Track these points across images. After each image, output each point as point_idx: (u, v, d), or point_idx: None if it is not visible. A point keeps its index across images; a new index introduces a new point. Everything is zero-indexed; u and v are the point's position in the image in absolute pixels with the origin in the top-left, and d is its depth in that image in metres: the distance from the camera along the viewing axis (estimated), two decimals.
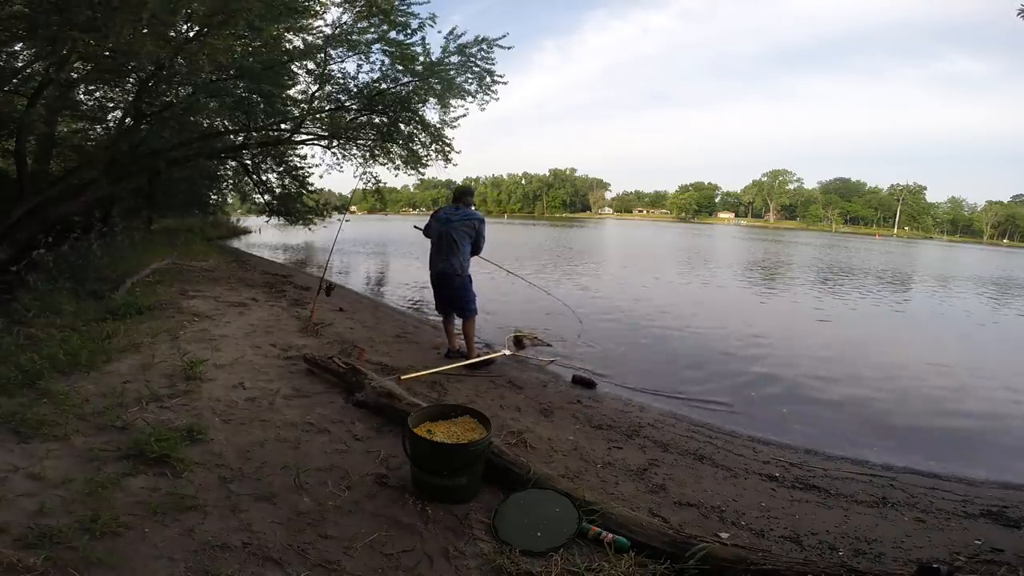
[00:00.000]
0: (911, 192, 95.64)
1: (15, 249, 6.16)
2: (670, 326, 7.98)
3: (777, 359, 6.48)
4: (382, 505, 2.38)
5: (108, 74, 6.46)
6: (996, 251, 58.06)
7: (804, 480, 3.26)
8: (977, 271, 24.58)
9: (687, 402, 4.76)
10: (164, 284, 7.08)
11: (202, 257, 11.34)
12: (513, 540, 2.17)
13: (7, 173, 8.08)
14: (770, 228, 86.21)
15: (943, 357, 7.34)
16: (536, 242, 26.99)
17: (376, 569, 1.97)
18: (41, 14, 4.63)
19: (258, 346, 4.67)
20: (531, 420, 3.72)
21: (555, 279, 12.88)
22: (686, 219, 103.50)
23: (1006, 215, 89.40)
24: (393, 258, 17.40)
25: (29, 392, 3.11)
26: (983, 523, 2.86)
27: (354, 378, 3.70)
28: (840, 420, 4.65)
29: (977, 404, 5.27)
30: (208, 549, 1.96)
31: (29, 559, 1.73)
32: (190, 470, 2.49)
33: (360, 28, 8.41)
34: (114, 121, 8.85)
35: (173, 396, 3.30)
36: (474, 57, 9.07)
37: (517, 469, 2.60)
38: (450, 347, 5.07)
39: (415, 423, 2.63)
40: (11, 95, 6.35)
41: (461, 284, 4.78)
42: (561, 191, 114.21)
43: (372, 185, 11.41)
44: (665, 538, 2.18)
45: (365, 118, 9.93)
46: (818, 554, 2.38)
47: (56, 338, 3.97)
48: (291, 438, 2.95)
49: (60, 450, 2.55)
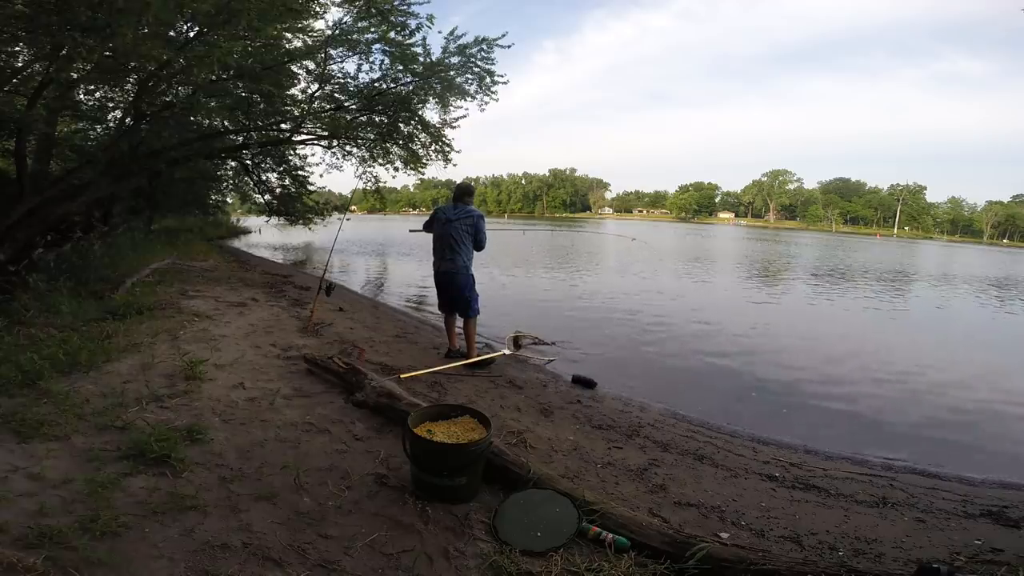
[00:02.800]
0: (911, 192, 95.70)
1: (15, 249, 6.15)
2: (670, 326, 7.98)
3: (777, 359, 6.48)
4: (382, 505, 2.38)
5: (108, 74, 6.45)
6: (996, 251, 58.04)
7: (804, 480, 3.26)
8: (977, 271, 24.58)
9: (687, 402, 4.75)
10: (164, 284, 7.09)
11: (202, 257, 11.34)
12: (513, 540, 2.17)
13: (7, 173, 8.07)
14: (770, 228, 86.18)
15: (943, 357, 7.34)
16: (538, 241, 27.00)
17: (376, 569, 1.97)
18: (41, 14, 4.62)
19: (258, 346, 4.67)
20: (531, 420, 3.72)
21: (555, 279, 12.88)
22: (686, 219, 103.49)
23: (1006, 215, 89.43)
24: (393, 258, 17.41)
25: (29, 392, 3.11)
26: (983, 523, 2.86)
27: (354, 378, 3.70)
28: (840, 420, 4.66)
29: (977, 404, 5.27)
30: (208, 549, 1.96)
31: (29, 559, 1.72)
32: (190, 470, 2.49)
33: (360, 28, 8.41)
34: (114, 121, 8.84)
35: (173, 396, 3.30)
36: (474, 57, 9.06)
37: (517, 469, 2.60)
38: (450, 347, 5.08)
39: (415, 423, 2.63)
40: (11, 95, 6.34)
41: (463, 283, 4.79)
42: (561, 191, 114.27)
43: (372, 185, 11.40)
44: (665, 538, 2.18)
45: (365, 118, 9.90)
46: (818, 554, 2.38)
47: (56, 338, 3.97)
48: (291, 438, 2.95)
49: (60, 450, 2.55)
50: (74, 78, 6.43)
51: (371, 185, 11.35)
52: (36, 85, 6.03)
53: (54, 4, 4.61)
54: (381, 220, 45.23)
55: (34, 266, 6.11)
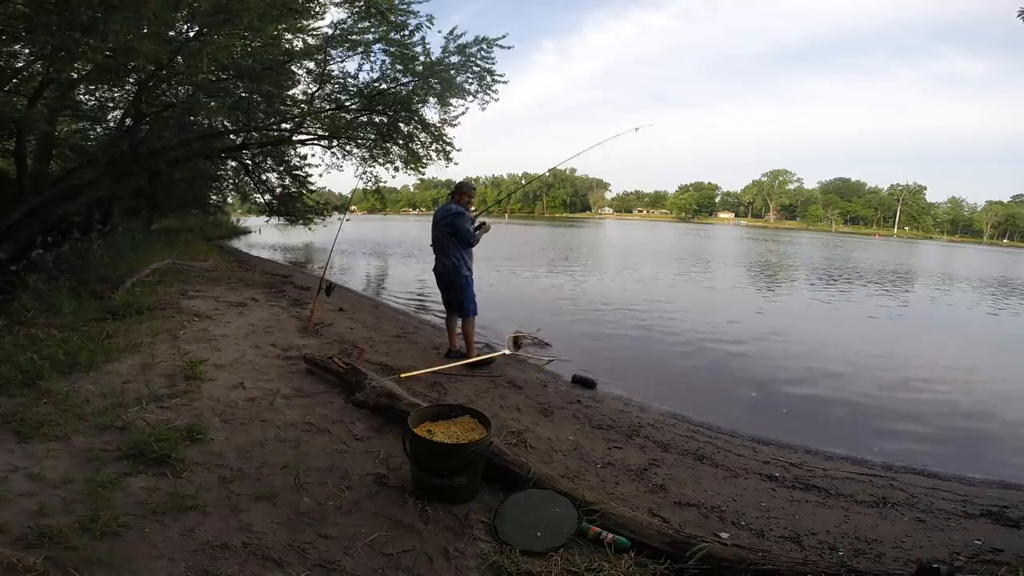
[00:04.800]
0: (911, 192, 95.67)
1: (15, 249, 6.16)
2: (671, 327, 7.98)
3: (777, 359, 6.48)
4: (382, 505, 2.38)
5: (108, 74, 6.44)
6: (996, 251, 58.03)
7: (804, 480, 3.26)
8: (977, 271, 24.57)
9: (687, 402, 4.75)
10: (164, 284, 7.09)
11: (202, 257, 11.34)
12: (513, 540, 2.17)
13: (7, 173, 8.07)
14: (770, 228, 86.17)
15: (943, 357, 7.34)
16: (540, 241, 27.00)
17: (376, 569, 1.97)
18: (42, 14, 4.62)
19: (258, 346, 4.67)
20: (531, 420, 3.72)
21: (556, 278, 12.88)
22: (686, 219, 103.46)
23: (1006, 215, 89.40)
24: (393, 258, 17.40)
25: (29, 392, 3.11)
26: (983, 523, 2.86)
27: (354, 378, 3.70)
28: (840, 420, 4.66)
29: (977, 404, 5.27)
30: (208, 549, 1.96)
31: (29, 559, 1.72)
32: (190, 470, 2.49)
33: (360, 28, 8.41)
34: (114, 121, 8.84)
35: (173, 396, 3.30)
36: (474, 57, 9.07)
37: (517, 469, 2.60)
38: (450, 347, 5.08)
39: (415, 423, 2.63)
40: (11, 95, 6.34)
41: (456, 281, 4.81)
42: (561, 191, 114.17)
43: (372, 185, 11.40)
44: (665, 538, 2.18)
45: (365, 118, 9.91)
46: (818, 554, 2.38)
47: (56, 338, 3.97)
48: (291, 438, 2.95)
49: (60, 450, 2.55)
50: (74, 78, 6.43)
51: (371, 185, 11.35)
52: (36, 85, 6.03)
53: (54, 4, 4.60)
54: (381, 220, 45.27)
55: (34, 266, 6.11)
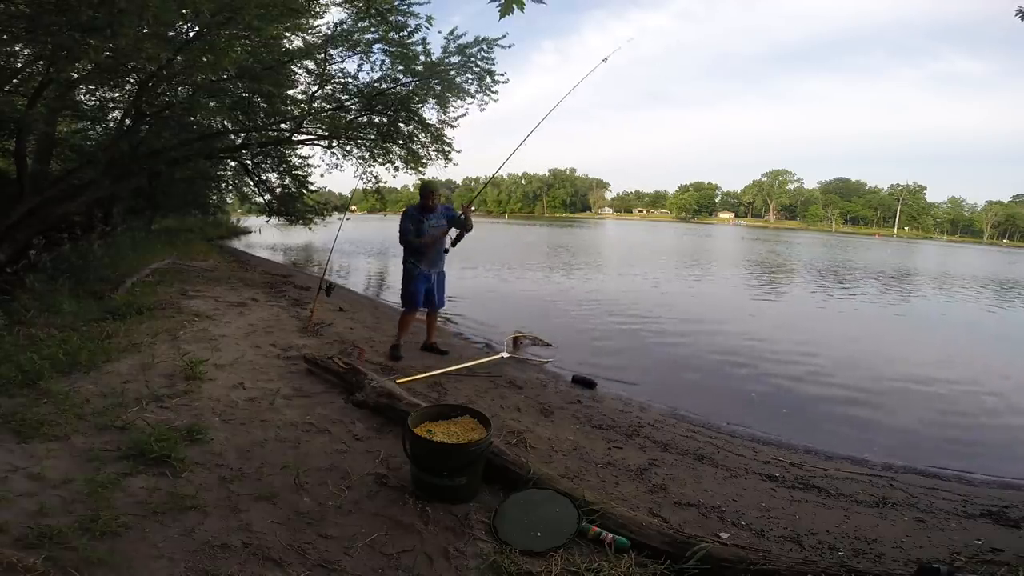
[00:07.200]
0: (911, 192, 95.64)
1: (15, 249, 6.16)
2: (670, 327, 7.98)
3: (777, 359, 6.48)
4: (382, 505, 2.38)
5: (108, 74, 6.44)
6: (996, 251, 58.04)
7: (804, 480, 3.26)
8: (978, 272, 24.57)
9: (687, 402, 4.75)
10: (164, 284, 7.09)
11: (202, 257, 11.34)
12: (513, 540, 2.17)
13: (7, 173, 8.07)
14: (770, 228, 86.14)
15: (943, 357, 7.34)
16: (541, 241, 27.00)
17: (376, 569, 1.97)
18: (43, 14, 4.61)
19: (258, 346, 4.67)
20: (531, 420, 3.72)
21: (556, 279, 12.88)
22: (686, 219, 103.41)
23: (1006, 215, 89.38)
24: (393, 258, 17.40)
25: (29, 392, 3.11)
26: (983, 523, 2.86)
27: (354, 378, 3.70)
28: (840, 420, 4.65)
29: (977, 404, 5.27)
30: (208, 549, 1.96)
31: (29, 559, 1.72)
32: (190, 470, 2.49)
33: (360, 28, 8.41)
34: (114, 121, 8.83)
35: (173, 396, 3.30)
36: (474, 57, 9.07)
37: (517, 469, 2.60)
38: (426, 340, 5.25)
39: (415, 423, 2.63)
40: (11, 95, 6.34)
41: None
42: (561, 191, 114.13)
43: (372, 185, 11.39)
44: (665, 538, 2.18)
45: (365, 118, 9.91)
46: (818, 554, 2.38)
47: (56, 338, 3.97)
48: (291, 438, 2.95)
49: (60, 450, 2.55)
50: (74, 78, 6.43)
51: (371, 185, 11.34)
52: (36, 85, 6.02)
53: (55, 4, 4.60)
54: (381, 220, 45.10)
55: (34, 266, 6.11)
